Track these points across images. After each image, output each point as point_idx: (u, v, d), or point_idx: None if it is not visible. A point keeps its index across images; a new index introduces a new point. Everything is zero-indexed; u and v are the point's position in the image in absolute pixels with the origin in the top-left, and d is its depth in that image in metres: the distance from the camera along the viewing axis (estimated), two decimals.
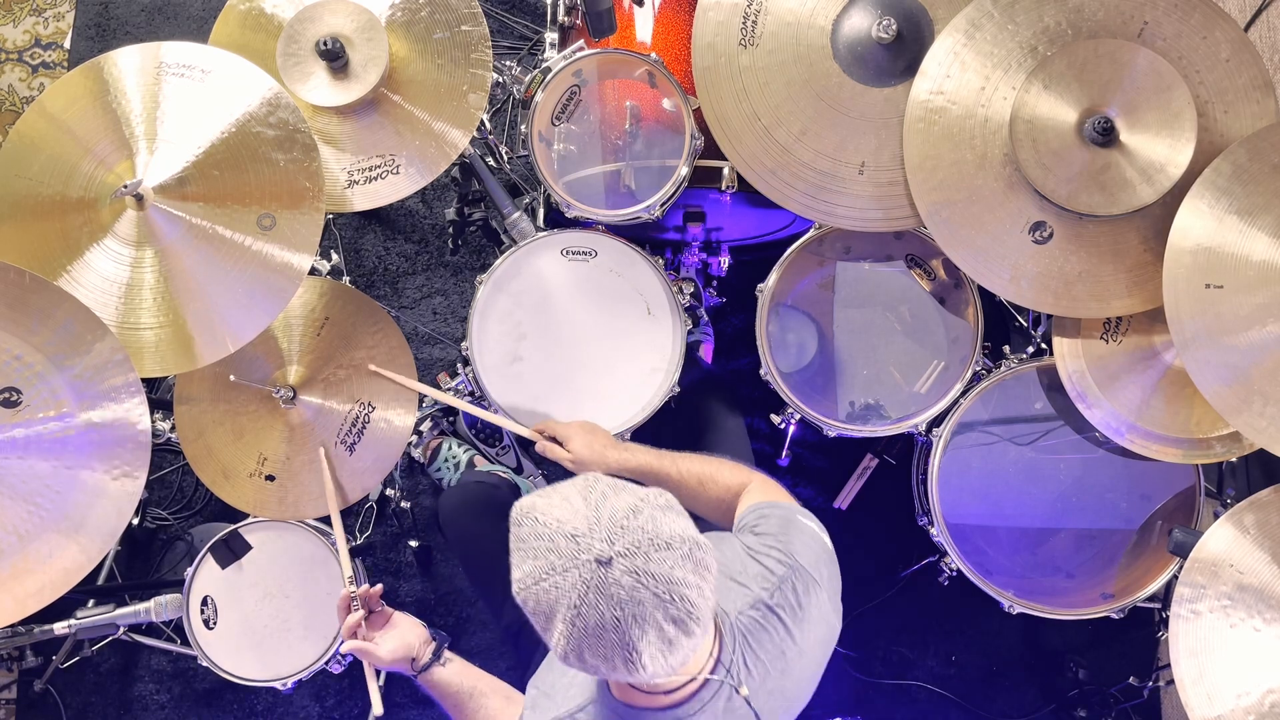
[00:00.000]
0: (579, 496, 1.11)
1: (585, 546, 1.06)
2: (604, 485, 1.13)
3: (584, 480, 1.14)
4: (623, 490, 1.12)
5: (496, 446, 2.50)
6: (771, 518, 1.40)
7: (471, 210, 2.23)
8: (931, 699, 2.45)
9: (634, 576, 1.05)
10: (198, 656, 1.92)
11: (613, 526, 1.07)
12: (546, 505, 1.11)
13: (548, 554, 1.07)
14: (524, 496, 1.16)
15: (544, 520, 1.09)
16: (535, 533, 1.09)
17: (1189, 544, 1.63)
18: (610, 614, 1.05)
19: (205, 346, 1.65)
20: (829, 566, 1.37)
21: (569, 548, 1.06)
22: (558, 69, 1.84)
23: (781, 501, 1.45)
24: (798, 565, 1.31)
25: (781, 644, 1.28)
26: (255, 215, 1.65)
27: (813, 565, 1.33)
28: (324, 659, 1.93)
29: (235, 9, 1.87)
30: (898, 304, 1.98)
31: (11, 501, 1.53)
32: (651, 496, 1.12)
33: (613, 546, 1.05)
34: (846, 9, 1.77)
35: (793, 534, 1.36)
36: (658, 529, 1.08)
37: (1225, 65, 1.66)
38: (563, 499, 1.11)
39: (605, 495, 1.11)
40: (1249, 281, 1.56)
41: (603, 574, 1.05)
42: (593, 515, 1.08)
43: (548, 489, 1.15)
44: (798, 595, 1.30)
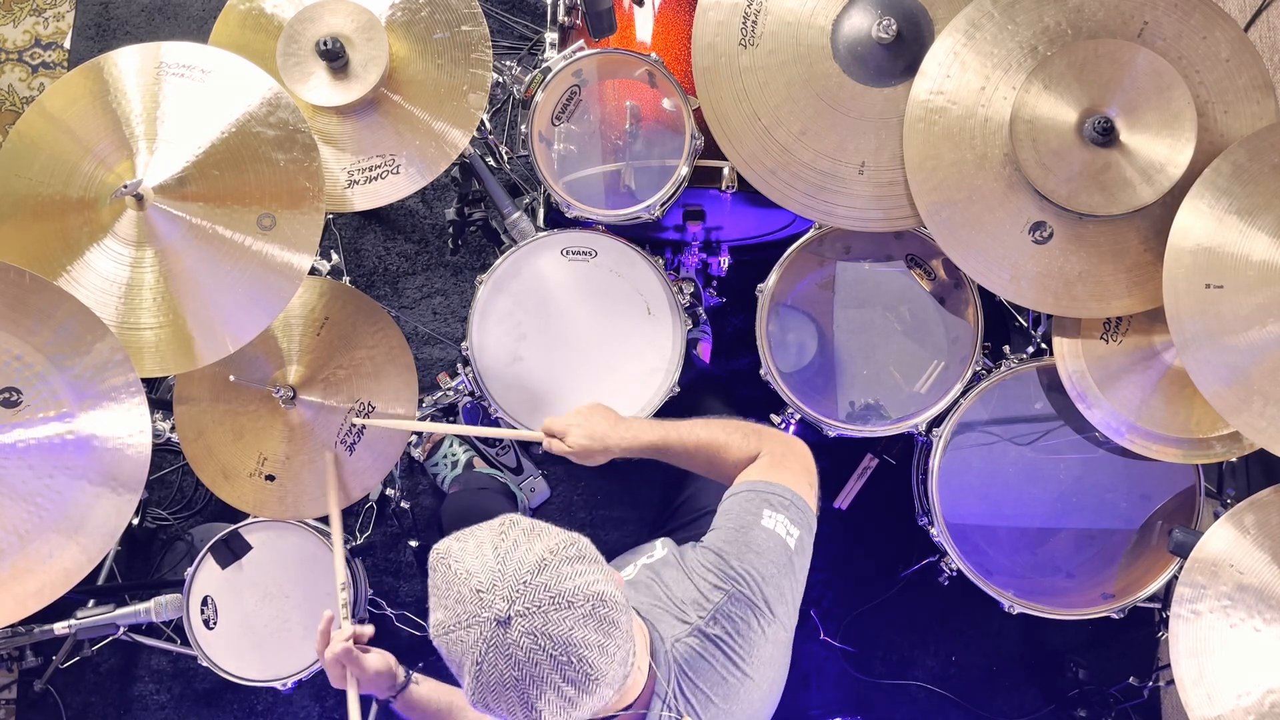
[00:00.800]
0: (490, 546, 1.10)
1: (487, 604, 1.05)
2: (517, 533, 1.11)
3: (500, 527, 1.13)
4: (536, 538, 1.11)
5: (496, 446, 2.51)
6: (733, 514, 1.36)
7: (471, 210, 2.23)
8: (931, 699, 2.46)
9: (531, 638, 1.04)
10: (198, 656, 1.92)
11: (516, 583, 1.06)
12: (460, 552, 1.11)
13: (455, 606, 1.08)
14: (442, 540, 1.15)
15: (455, 570, 1.09)
16: (446, 581, 1.10)
17: (1189, 544, 1.63)
18: (509, 673, 1.05)
19: (205, 346, 1.64)
20: (783, 576, 1.32)
21: (473, 603, 1.06)
22: (558, 69, 1.84)
23: (766, 484, 1.39)
24: (737, 590, 1.28)
25: (723, 671, 1.27)
26: (255, 215, 1.65)
27: (758, 581, 1.29)
28: None
29: (235, 9, 1.87)
30: (898, 304, 1.98)
31: (11, 501, 1.53)
32: (562, 548, 1.10)
33: (512, 605, 1.05)
34: (846, 9, 1.77)
35: (745, 542, 1.32)
36: (561, 586, 1.07)
37: (1225, 65, 1.66)
38: (476, 546, 1.11)
39: (515, 545, 1.10)
40: (1249, 281, 1.56)
41: (501, 634, 1.05)
42: (498, 569, 1.07)
43: (466, 531, 1.14)
44: (734, 623, 1.28)
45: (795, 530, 1.37)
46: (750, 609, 1.28)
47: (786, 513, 1.37)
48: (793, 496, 1.40)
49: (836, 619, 2.44)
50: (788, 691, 1.40)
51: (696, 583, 1.31)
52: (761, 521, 1.35)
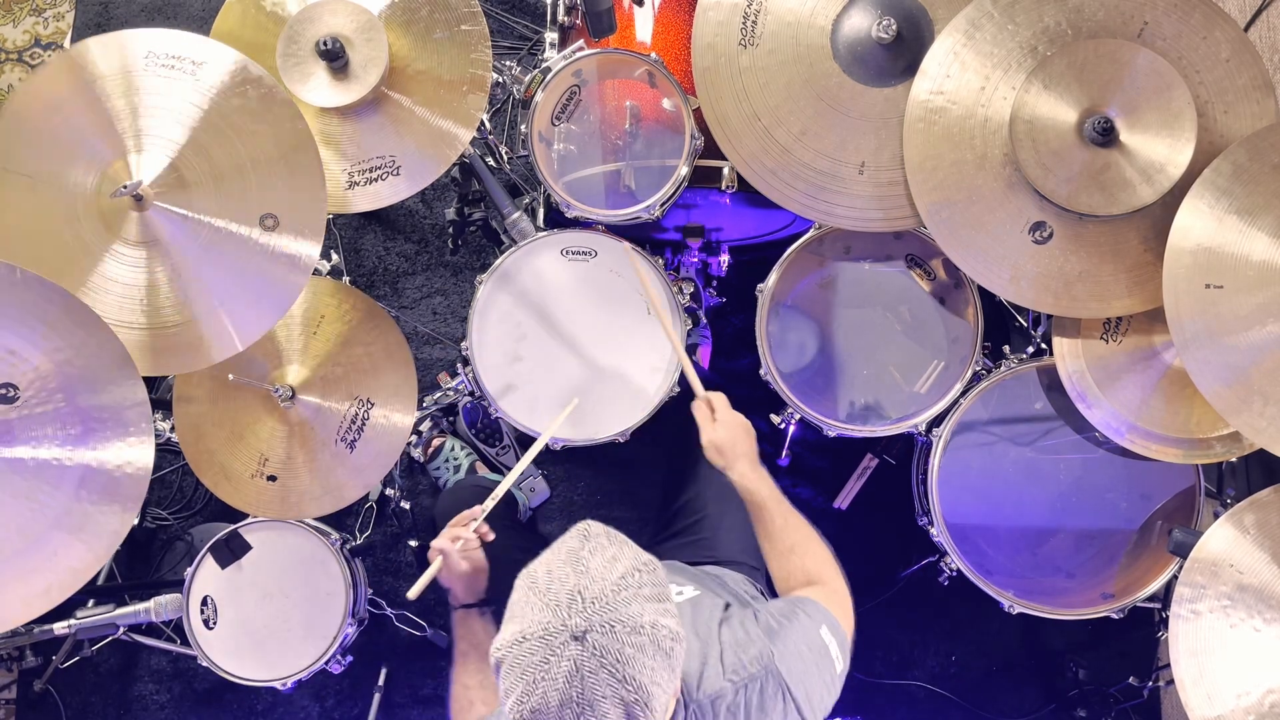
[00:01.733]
0: (569, 562, 1.11)
1: (563, 619, 1.06)
2: (594, 545, 1.12)
3: (580, 536, 1.14)
4: (615, 564, 1.11)
5: (496, 447, 2.51)
6: (794, 609, 1.37)
7: (471, 210, 2.23)
8: (931, 699, 2.45)
9: (599, 659, 1.05)
10: (198, 656, 1.92)
11: (594, 601, 1.07)
12: (545, 568, 1.12)
13: (531, 615, 1.08)
14: (598, 524, 1.16)
15: (537, 584, 1.10)
16: (526, 599, 1.10)
17: (1189, 544, 1.63)
18: (569, 690, 1.04)
19: (212, 345, 1.64)
20: (823, 688, 1.33)
21: (549, 612, 1.07)
22: (558, 69, 1.84)
23: (820, 608, 1.41)
24: (775, 669, 1.29)
25: None
26: (258, 213, 1.64)
27: (796, 678, 1.30)
28: (324, 659, 1.93)
29: (235, 8, 1.87)
30: (898, 304, 1.98)
31: (13, 500, 1.53)
32: (644, 574, 1.11)
33: (589, 621, 1.05)
34: (846, 9, 1.77)
35: (801, 637, 1.33)
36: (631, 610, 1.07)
37: (1225, 65, 1.66)
38: (553, 559, 1.12)
39: (595, 553, 1.11)
40: (1249, 281, 1.56)
41: (571, 648, 1.05)
42: (577, 585, 1.08)
43: (622, 537, 1.16)
44: (760, 700, 1.27)
45: (840, 664, 1.38)
46: (781, 695, 1.28)
47: (839, 644, 1.38)
48: (846, 639, 1.41)
49: None
50: None
51: (742, 648, 1.31)
52: (820, 634, 1.36)
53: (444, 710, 2.45)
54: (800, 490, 2.50)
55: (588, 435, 1.94)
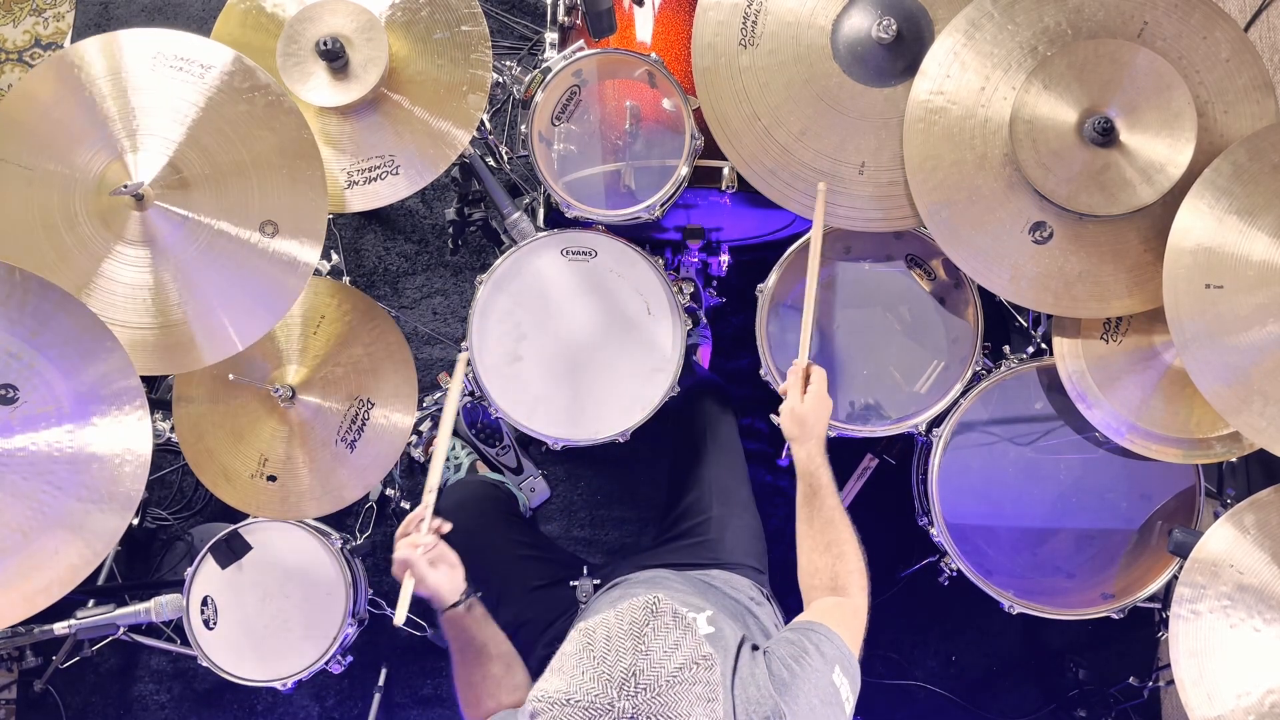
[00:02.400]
0: (631, 636, 1.10)
1: (611, 700, 1.05)
2: (658, 624, 1.11)
3: (646, 610, 1.13)
4: (676, 651, 1.10)
5: (496, 446, 2.51)
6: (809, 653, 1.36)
7: (471, 210, 2.23)
8: (931, 699, 2.45)
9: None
10: (198, 656, 1.92)
11: (648, 690, 1.06)
12: (605, 633, 1.11)
13: (579, 679, 1.07)
14: (592, 619, 1.15)
15: (594, 649, 1.09)
16: (579, 660, 1.09)
17: (1189, 544, 1.63)
18: None
19: (211, 345, 1.64)
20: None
21: (597, 685, 1.06)
22: (558, 69, 1.84)
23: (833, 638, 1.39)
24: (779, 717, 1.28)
25: None
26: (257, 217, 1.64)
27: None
28: (324, 659, 1.93)
29: (235, 8, 1.87)
30: (898, 304, 1.98)
31: (14, 499, 1.53)
32: (700, 669, 1.10)
33: (637, 707, 1.04)
34: (846, 9, 1.77)
35: (812, 683, 1.32)
36: (679, 709, 1.06)
37: (1225, 65, 1.66)
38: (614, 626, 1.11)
39: (656, 635, 1.10)
40: (1249, 281, 1.56)
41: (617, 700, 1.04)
42: (633, 665, 1.07)
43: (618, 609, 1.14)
44: None
45: (850, 702, 1.36)
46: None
47: (850, 680, 1.37)
48: (856, 669, 1.39)
49: None
50: None
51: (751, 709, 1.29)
52: (832, 678, 1.35)
53: (444, 710, 2.46)
54: None
55: (588, 435, 1.94)
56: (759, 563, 1.83)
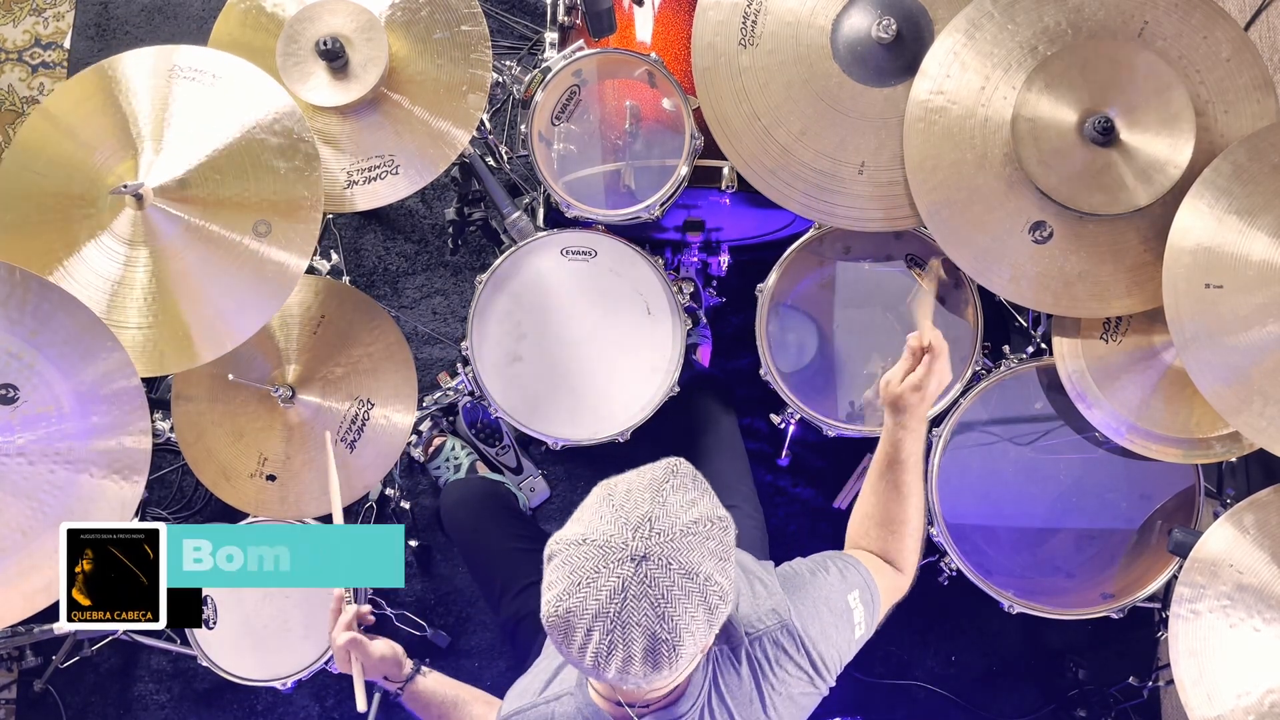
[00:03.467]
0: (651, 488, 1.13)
1: (625, 539, 1.07)
2: (678, 481, 1.15)
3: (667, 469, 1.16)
4: (694, 505, 1.13)
5: (496, 446, 2.50)
6: (827, 568, 1.38)
7: (471, 210, 2.23)
8: (931, 699, 2.45)
9: (645, 585, 1.06)
10: (198, 656, 1.92)
11: (663, 535, 1.08)
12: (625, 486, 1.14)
13: (595, 522, 1.10)
14: (614, 477, 1.17)
15: (614, 498, 1.12)
16: (598, 509, 1.12)
17: (1189, 544, 1.63)
18: (610, 605, 1.06)
19: (203, 345, 1.65)
20: (841, 647, 1.34)
21: (618, 533, 1.08)
22: (558, 69, 1.84)
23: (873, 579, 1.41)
24: (791, 626, 1.29)
25: (750, 693, 1.28)
26: (252, 221, 1.65)
27: (816, 633, 1.31)
28: (324, 659, 1.93)
29: (235, 8, 1.87)
30: (898, 304, 1.98)
31: (14, 499, 1.53)
32: (715, 526, 1.12)
33: (648, 547, 1.07)
34: (846, 9, 1.77)
35: (824, 596, 1.34)
36: (699, 563, 1.08)
37: (1225, 65, 1.66)
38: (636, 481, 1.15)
39: (678, 489, 1.13)
40: (1249, 281, 1.56)
41: (627, 567, 1.06)
42: (652, 511, 1.10)
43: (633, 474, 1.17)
44: (776, 652, 1.29)
45: (863, 629, 1.39)
46: (797, 647, 1.29)
47: (867, 611, 1.39)
48: (878, 609, 1.42)
49: None
50: None
51: (759, 600, 1.31)
52: (847, 597, 1.36)
53: None
54: (800, 490, 2.50)
55: (588, 435, 1.94)
56: (761, 557, 1.83)
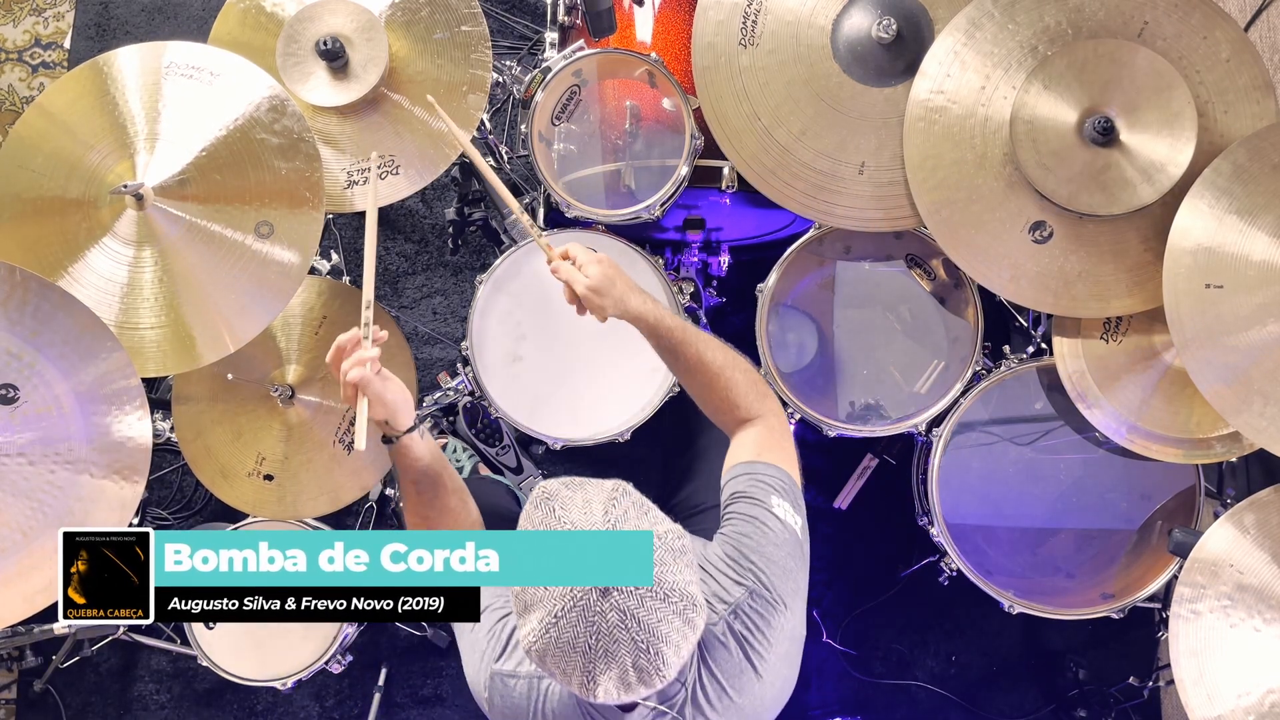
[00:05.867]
0: (601, 508, 1.10)
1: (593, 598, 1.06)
2: (629, 503, 1.12)
3: (613, 492, 1.13)
4: (644, 518, 1.11)
5: (496, 447, 2.50)
6: (741, 504, 1.34)
7: (471, 210, 2.23)
8: (931, 699, 2.45)
9: (620, 615, 1.05)
10: (198, 656, 1.92)
11: None
12: (568, 500, 1.11)
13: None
14: (552, 480, 1.15)
15: (560, 517, 1.09)
16: (547, 524, 1.10)
17: (1189, 544, 1.63)
18: (585, 639, 1.05)
19: (205, 346, 1.65)
20: (797, 567, 1.32)
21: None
22: (558, 69, 1.84)
23: (768, 468, 1.36)
24: (757, 585, 1.28)
25: (740, 663, 1.27)
26: (254, 221, 1.65)
27: (775, 575, 1.29)
28: (324, 659, 1.93)
29: (235, 7, 1.87)
30: (898, 304, 1.98)
31: (14, 499, 1.53)
32: (669, 537, 1.11)
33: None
34: (846, 9, 1.77)
35: (760, 534, 1.31)
36: (663, 575, 1.07)
37: (1225, 65, 1.66)
38: (584, 503, 1.11)
39: (626, 516, 1.10)
40: (1249, 281, 1.56)
41: (596, 601, 1.05)
42: None
43: (578, 481, 1.15)
44: (755, 618, 1.27)
45: (799, 517, 1.35)
46: (769, 605, 1.28)
47: (790, 500, 1.35)
48: (791, 482, 1.37)
49: (836, 619, 2.43)
50: None
51: (718, 578, 1.30)
52: (773, 510, 1.33)
53: (444, 710, 2.46)
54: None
55: (588, 435, 1.94)
56: None
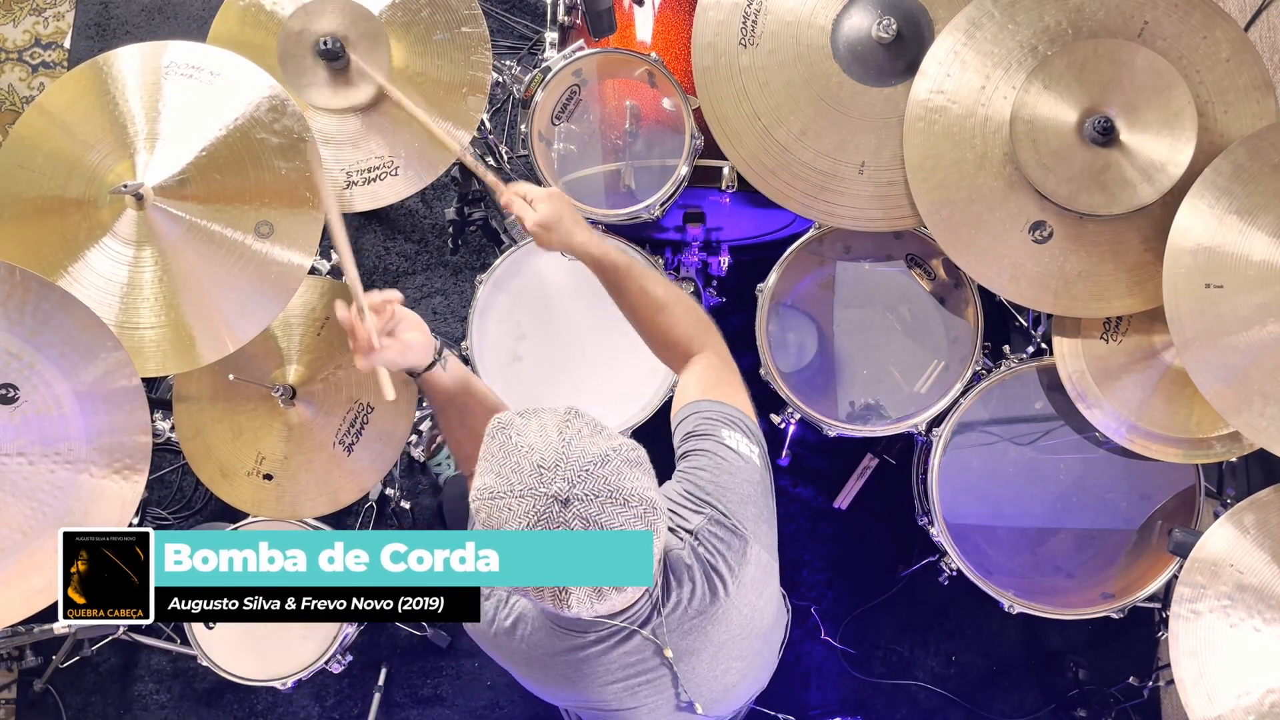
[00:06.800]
0: (555, 430, 1.11)
1: (547, 480, 1.07)
2: (582, 424, 1.13)
3: (566, 414, 1.14)
4: (599, 436, 1.12)
5: None
6: (693, 440, 1.34)
7: (471, 210, 2.23)
8: (931, 699, 2.45)
9: (584, 522, 1.06)
10: (198, 656, 1.92)
11: (578, 469, 1.07)
12: (523, 427, 1.12)
13: (510, 475, 1.08)
14: (506, 412, 1.16)
15: (515, 442, 1.10)
16: (505, 449, 1.10)
17: (1189, 544, 1.63)
18: None
19: (205, 346, 1.64)
20: (758, 494, 1.31)
21: (532, 476, 1.07)
22: (558, 69, 1.84)
23: (715, 405, 1.36)
24: (714, 514, 1.27)
25: (703, 589, 1.26)
26: (254, 220, 1.65)
27: (733, 503, 1.28)
28: (324, 659, 1.93)
29: (235, 4, 1.86)
30: (898, 304, 1.98)
31: (14, 499, 1.53)
32: (624, 449, 1.12)
33: (572, 488, 1.06)
34: (846, 9, 1.77)
35: (715, 466, 1.30)
36: (620, 483, 1.08)
37: (1225, 65, 1.66)
38: (540, 427, 1.12)
39: (580, 434, 1.11)
40: (1249, 281, 1.56)
41: (558, 511, 1.06)
42: (563, 451, 1.08)
43: (531, 409, 1.15)
44: (715, 544, 1.26)
45: (755, 448, 1.35)
46: (730, 531, 1.28)
47: (743, 432, 1.35)
48: (740, 415, 1.37)
49: (836, 619, 2.43)
50: (787, 691, 1.39)
51: (679, 512, 1.30)
52: (725, 442, 1.33)
53: (444, 710, 2.46)
54: (800, 490, 2.50)
55: None
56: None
